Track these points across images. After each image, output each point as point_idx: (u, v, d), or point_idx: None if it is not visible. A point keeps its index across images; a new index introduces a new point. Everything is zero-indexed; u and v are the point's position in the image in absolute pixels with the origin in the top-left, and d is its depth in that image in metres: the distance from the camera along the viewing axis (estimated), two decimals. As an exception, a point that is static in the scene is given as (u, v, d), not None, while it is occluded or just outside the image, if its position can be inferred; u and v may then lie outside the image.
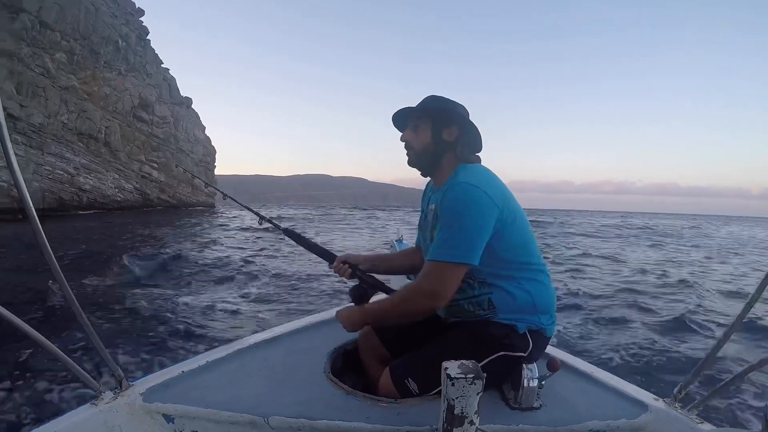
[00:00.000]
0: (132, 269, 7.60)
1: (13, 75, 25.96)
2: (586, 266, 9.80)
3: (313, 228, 23.21)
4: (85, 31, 31.83)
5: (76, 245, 11.24)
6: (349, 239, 17.20)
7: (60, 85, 29.28)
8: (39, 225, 0.91)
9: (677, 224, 48.22)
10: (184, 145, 42.22)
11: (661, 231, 30.22)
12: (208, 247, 12.04)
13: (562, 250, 14.01)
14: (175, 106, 42.18)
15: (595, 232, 25.75)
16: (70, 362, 1.07)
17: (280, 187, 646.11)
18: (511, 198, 1.29)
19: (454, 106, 1.39)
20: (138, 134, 36.23)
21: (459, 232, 1.18)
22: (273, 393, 1.29)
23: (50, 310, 4.82)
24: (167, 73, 42.68)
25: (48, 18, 28.79)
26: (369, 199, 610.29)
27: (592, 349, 3.93)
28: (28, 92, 26.81)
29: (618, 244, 17.92)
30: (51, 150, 27.30)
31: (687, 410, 1.22)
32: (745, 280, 8.93)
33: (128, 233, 15.86)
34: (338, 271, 1.61)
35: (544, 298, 1.30)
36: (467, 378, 0.87)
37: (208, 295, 6.11)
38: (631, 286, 7.16)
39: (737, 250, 17.51)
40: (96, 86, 32.24)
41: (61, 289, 1.03)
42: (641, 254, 13.70)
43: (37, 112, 26.93)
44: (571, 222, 40.96)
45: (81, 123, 30.36)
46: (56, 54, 29.56)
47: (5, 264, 8.62)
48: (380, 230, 22.76)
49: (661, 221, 59.40)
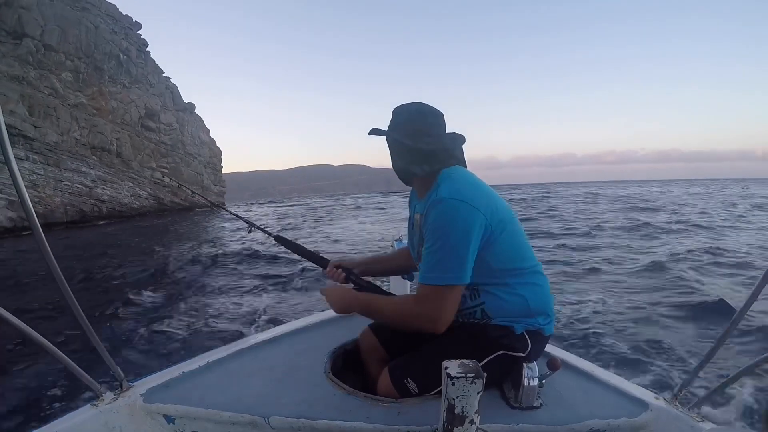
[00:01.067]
0: (131, 275, 7.80)
1: (25, 98, 27.11)
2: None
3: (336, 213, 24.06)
4: (87, 50, 32.87)
5: (85, 254, 11.85)
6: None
7: (69, 103, 30.49)
8: (38, 226, 0.93)
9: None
10: (191, 149, 43.37)
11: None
12: (207, 247, 12.09)
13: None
14: (180, 113, 43.26)
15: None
16: (70, 363, 1.07)
17: (282, 181, 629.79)
18: (499, 202, 1.27)
19: (399, 117, 1.36)
20: (147, 143, 37.45)
21: (449, 253, 1.15)
22: (273, 393, 1.28)
23: (50, 311, 5.00)
24: (169, 82, 43.71)
25: (51, 40, 29.84)
26: (372, 185, 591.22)
27: (592, 347, 3.88)
28: (40, 113, 28.03)
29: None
30: (68, 166, 28.63)
31: (688, 409, 1.21)
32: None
33: (127, 241, 16.26)
34: (332, 276, 1.60)
35: (540, 300, 1.28)
36: (467, 377, 0.86)
37: (207, 295, 6.14)
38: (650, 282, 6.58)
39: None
40: (103, 101, 33.41)
41: (61, 291, 1.03)
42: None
43: (50, 131, 28.18)
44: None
45: (93, 137, 31.63)
46: (62, 74, 30.74)
47: (27, 268, 9.29)
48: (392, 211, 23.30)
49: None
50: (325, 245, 12.78)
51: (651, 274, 6.99)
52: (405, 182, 1.44)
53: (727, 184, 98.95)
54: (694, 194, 38.87)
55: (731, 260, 7.89)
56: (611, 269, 7.44)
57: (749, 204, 23.25)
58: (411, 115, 1.34)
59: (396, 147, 1.37)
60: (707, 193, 40.35)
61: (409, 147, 1.32)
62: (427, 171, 1.32)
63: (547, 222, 16.28)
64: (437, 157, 1.32)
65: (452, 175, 1.27)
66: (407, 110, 1.35)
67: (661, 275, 6.85)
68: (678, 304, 5.20)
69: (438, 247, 1.16)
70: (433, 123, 1.34)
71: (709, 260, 7.92)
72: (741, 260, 7.86)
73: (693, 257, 8.20)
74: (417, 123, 1.32)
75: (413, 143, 1.30)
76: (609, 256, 8.64)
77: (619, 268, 7.59)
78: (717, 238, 10.86)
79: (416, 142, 1.30)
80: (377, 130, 1.37)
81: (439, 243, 1.15)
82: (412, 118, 1.33)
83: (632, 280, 6.66)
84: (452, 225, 1.15)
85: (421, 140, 1.30)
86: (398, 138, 1.32)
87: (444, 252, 1.15)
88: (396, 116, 1.36)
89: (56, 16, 30.55)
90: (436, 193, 1.22)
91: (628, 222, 14.80)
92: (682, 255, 8.34)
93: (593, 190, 59.98)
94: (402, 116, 1.34)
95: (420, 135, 1.31)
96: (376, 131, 1.37)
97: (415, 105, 1.35)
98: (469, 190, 1.21)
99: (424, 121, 1.33)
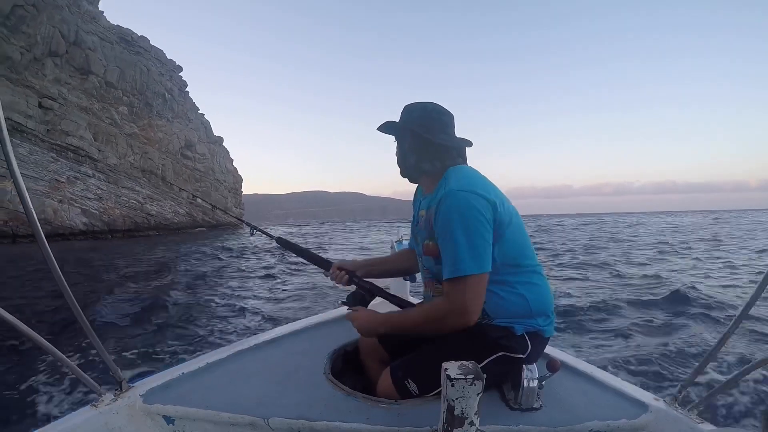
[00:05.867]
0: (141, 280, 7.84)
1: (91, 126, 30.51)
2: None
3: (336, 232, 26.65)
4: (141, 88, 36.77)
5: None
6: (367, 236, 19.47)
7: (125, 132, 33.92)
8: (39, 227, 0.90)
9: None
10: (219, 176, 46.65)
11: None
12: (217, 253, 12.59)
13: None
14: (211, 145, 47.00)
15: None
16: (70, 364, 1.04)
17: (278, 205, 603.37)
18: (505, 197, 1.24)
19: (414, 113, 1.31)
20: (185, 169, 40.75)
21: (467, 243, 1.10)
22: (273, 394, 1.24)
23: (51, 313, 4.87)
24: (203, 118, 47.88)
25: (112, 78, 33.57)
26: (368, 213, 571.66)
27: (592, 349, 3.76)
28: (103, 139, 31.21)
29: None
30: (124, 184, 31.59)
31: (687, 410, 1.16)
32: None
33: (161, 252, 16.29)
34: (335, 278, 1.53)
35: (540, 301, 1.22)
36: (467, 379, 0.82)
37: (208, 297, 5.96)
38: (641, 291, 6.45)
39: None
40: (152, 132, 36.91)
41: (62, 292, 1.00)
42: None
43: (111, 154, 31.33)
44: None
45: (144, 162, 34.89)
46: (120, 107, 34.32)
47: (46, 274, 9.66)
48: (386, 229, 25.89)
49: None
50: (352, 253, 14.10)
51: (650, 281, 6.98)
52: (412, 179, 1.40)
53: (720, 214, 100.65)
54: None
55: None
56: (607, 275, 7.42)
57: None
58: (427, 110, 1.30)
59: (412, 140, 1.30)
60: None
61: (426, 140, 1.27)
62: (438, 168, 1.28)
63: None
64: (449, 154, 1.29)
65: (459, 171, 1.24)
66: (423, 106, 1.31)
67: (660, 281, 6.80)
68: (678, 304, 5.01)
69: (455, 239, 1.11)
70: (447, 122, 1.31)
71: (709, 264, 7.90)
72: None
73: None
74: (434, 118, 1.29)
75: (432, 137, 1.26)
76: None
77: (619, 274, 7.63)
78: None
79: (434, 136, 1.27)
80: (391, 123, 1.33)
81: (455, 235, 1.11)
82: (429, 114, 1.30)
83: (632, 280, 6.49)
84: (465, 215, 1.11)
85: (437, 135, 1.27)
86: (418, 131, 1.27)
87: (461, 243, 1.10)
88: (411, 111, 1.31)
89: (116, 58, 34.51)
90: (445, 187, 1.19)
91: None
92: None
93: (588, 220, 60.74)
94: (418, 111, 1.30)
95: (436, 130, 1.28)
96: (389, 124, 1.34)
97: (430, 103, 1.32)
98: (477, 182, 1.18)
99: (439, 118, 1.30)
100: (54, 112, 27.01)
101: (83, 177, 28.11)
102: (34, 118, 25.38)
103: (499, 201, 1.16)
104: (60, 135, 27.09)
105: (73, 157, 28.02)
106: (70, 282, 1.03)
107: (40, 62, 26.88)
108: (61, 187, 25.74)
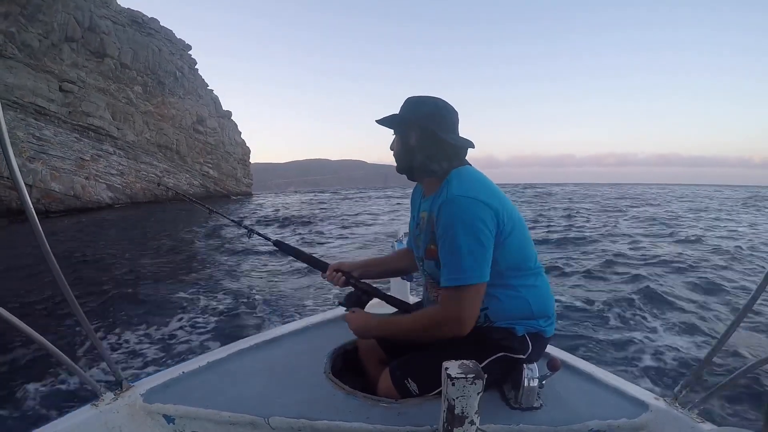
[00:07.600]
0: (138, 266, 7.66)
1: (109, 106, 32.46)
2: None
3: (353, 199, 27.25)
4: (154, 68, 38.36)
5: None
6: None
7: (141, 110, 35.90)
8: (36, 221, 0.89)
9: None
10: (229, 148, 48.52)
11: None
12: (216, 240, 11.41)
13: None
14: (221, 119, 48.55)
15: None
16: (70, 363, 1.03)
17: (279, 174, 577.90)
18: (507, 201, 1.18)
19: (424, 108, 1.22)
20: (197, 143, 42.75)
21: (467, 252, 1.06)
22: (273, 393, 1.23)
23: (51, 311, 4.79)
24: (212, 93, 49.33)
25: (126, 59, 35.19)
26: (369, 180, 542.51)
27: (592, 348, 3.70)
28: (120, 118, 33.22)
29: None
30: (143, 159, 33.99)
31: (687, 409, 1.14)
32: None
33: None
34: (331, 279, 1.49)
35: (541, 303, 1.21)
36: (468, 378, 0.82)
37: (208, 294, 5.83)
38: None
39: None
40: (165, 109, 38.81)
41: (61, 290, 0.98)
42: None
43: (129, 132, 33.49)
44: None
45: (159, 138, 37.07)
46: (135, 87, 36.07)
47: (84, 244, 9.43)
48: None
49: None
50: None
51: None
52: (413, 178, 1.32)
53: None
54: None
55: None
56: (607, 271, 7.12)
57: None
58: (439, 107, 1.21)
59: (422, 137, 1.21)
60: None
61: (440, 140, 1.19)
62: (445, 169, 1.20)
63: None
64: (458, 155, 1.23)
65: (462, 173, 1.18)
66: (434, 102, 1.22)
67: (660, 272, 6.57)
68: (677, 305, 4.95)
69: (455, 247, 1.07)
70: (456, 121, 1.24)
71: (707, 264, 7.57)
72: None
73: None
74: (445, 116, 1.21)
75: (445, 136, 1.19)
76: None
77: (618, 268, 7.26)
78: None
79: (446, 134, 1.19)
80: (396, 116, 1.24)
81: (455, 243, 1.07)
82: (441, 111, 1.21)
83: (632, 281, 6.33)
84: (467, 223, 1.07)
85: (449, 134, 1.20)
86: (432, 128, 1.18)
87: (462, 252, 1.06)
88: (420, 105, 1.22)
89: (129, 40, 35.95)
90: (446, 191, 1.13)
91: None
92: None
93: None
94: (428, 106, 1.21)
95: (448, 129, 1.21)
96: (394, 117, 1.24)
97: (439, 99, 1.23)
98: (480, 187, 1.13)
99: (450, 116, 1.22)
100: (74, 94, 28.88)
101: (105, 154, 30.37)
102: (56, 101, 27.29)
103: (502, 206, 1.13)
104: (81, 116, 29.08)
105: (94, 136, 30.06)
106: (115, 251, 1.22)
107: (57, 48, 28.48)
108: (86, 164, 28.04)
